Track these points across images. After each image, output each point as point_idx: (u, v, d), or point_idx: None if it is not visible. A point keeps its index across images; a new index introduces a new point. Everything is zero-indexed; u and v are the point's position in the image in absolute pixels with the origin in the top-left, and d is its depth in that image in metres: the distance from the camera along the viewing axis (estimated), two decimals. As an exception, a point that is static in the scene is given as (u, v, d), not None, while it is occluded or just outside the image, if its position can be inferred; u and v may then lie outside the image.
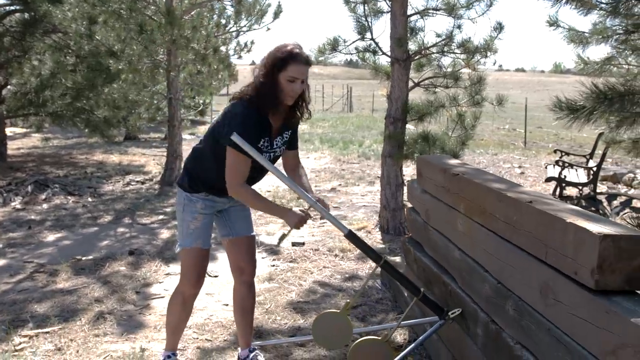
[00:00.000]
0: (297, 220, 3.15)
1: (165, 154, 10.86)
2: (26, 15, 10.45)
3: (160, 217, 7.87)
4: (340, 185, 10.50)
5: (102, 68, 10.11)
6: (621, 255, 2.06)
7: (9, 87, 12.18)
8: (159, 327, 4.36)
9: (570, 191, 8.80)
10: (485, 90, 7.14)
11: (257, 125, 3.11)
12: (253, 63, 7.33)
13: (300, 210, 3.18)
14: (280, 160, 3.46)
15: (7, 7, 11.44)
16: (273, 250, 6.31)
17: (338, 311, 3.34)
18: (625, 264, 2.07)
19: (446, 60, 7.22)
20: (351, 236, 3.17)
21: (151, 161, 13.23)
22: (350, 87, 39.61)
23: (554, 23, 6.64)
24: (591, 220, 2.26)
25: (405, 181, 7.00)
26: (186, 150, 8.01)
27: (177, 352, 3.72)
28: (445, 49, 6.96)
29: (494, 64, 7.57)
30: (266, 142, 3.21)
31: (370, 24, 6.67)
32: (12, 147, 15.69)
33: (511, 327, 2.67)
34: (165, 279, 5.47)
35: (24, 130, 18.08)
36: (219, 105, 36.09)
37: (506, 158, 14.39)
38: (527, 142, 17.82)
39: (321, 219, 7.48)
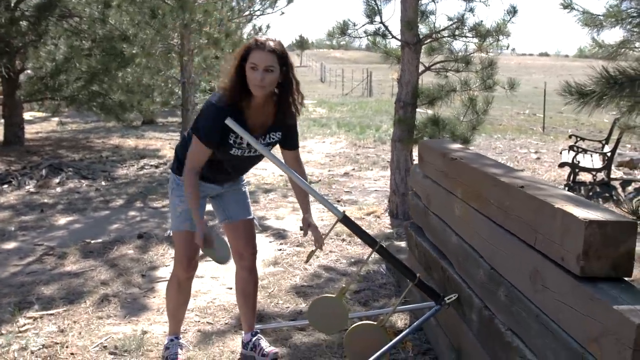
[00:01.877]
0: (197, 240, 3.18)
1: (179, 138, 10.89)
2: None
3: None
4: (353, 169, 10.47)
5: (116, 52, 10.15)
6: (607, 242, 2.03)
7: (26, 71, 12.27)
8: (162, 310, 4.38)
9: (585, 177, 8.70)
10: (497, 74, 7.06)
11: (223, 118, 3.06)
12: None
13: (206, 235, 3.18)
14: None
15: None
16: (280, 235, 6.32)
17: (333, 295, 3.33)
18: (612, 251, 2.03)
19: (458, 44, 7.14)
20: (346, 220, 3.16)
21: (167, 145, 13.27)
22: (370, 71, 39.35)
23: (568, 5, 6.52)
24: (580, 205, 2.22)
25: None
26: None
27: (180, 335, 3.74)
28: (457, 32, 6.88)
29: (507, 47, 7.47)
30: (239, 138, 3.14)
31: (379, 7, 6.61)
32: (31, 131, 15.83)
33: (503, 313, 2.65)
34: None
35: (44, 114, 18.19)
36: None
37: (523, 143, 14.25)
38: (545, 127, 17.61)
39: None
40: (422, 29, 6.81)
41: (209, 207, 3.60)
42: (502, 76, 7.23)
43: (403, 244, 5.51)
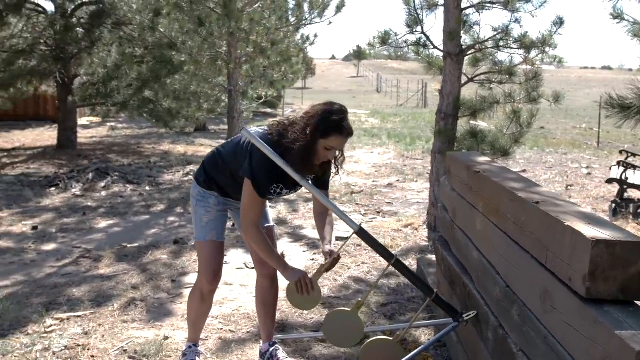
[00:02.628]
0: (296, 279, 3.16)
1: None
2: (94, 7, 10.75)
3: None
4: (398, 181, 10.38)
5: (165, 60, 10.30)
6: (616, 263, 1.92)
7: (80, 77, 12.57)
8: (186, 316, 4.38)
9: (635, 194, 8.41)
10: (544, 86, 6.88)
11: (275, 170, 3.07)
12: (333, 57, 7.33)
13: (301, 272, 3.19)
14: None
15: (77, 1, 11.81)
16: (315, 244, 6.28)
17: (349, 310, 3.27)
18: (621, 272, 1.92)
19: (502, 56, 6.99)
20: (362, 233, 3.10)
21: (215, 152, 13.39)
22: (425, 82, 39.05)
23: (618, 16, 6.33)
24: (592, 223, 2.11)
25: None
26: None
27: (199, 342, 3.73)
28: (501, 43, 6.73)
29: (555, 60, 7.26)
30: (280, 189, 3.19)
31: (421, 17, 6.51)
32: (86, 135, 16.24)
33: (515, 332, 2.54)
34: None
35: (99, 119, 18.64)
36: (294, 99, 36.52)
37: (575, 158, 13.89)
38: (601, 142, 17.13)
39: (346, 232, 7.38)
40: (466, 40, 6.70)
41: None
42: (560, 89, 7.03)
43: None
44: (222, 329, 4.21)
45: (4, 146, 14.29)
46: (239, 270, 5.46)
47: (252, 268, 5.49)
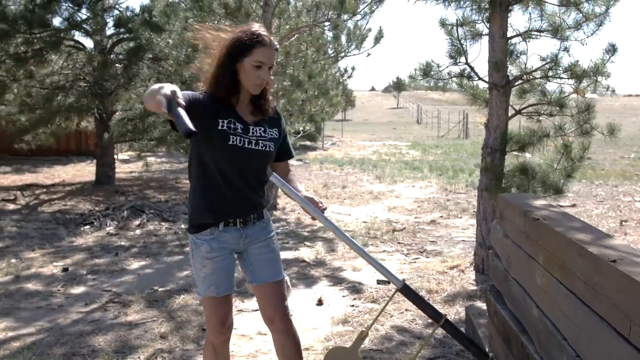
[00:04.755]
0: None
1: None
2: (132, 43, 10.70)
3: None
4: (441, 217, 9.97)
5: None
6: None
7: (117, 113, 12.54)
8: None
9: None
10: (596, 117, 6.47)
11: (212, 104, 2.82)
12: (373, 89, 7.05)
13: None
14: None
15: (115, 37, 11.81)
16: (355, 289, 5.92)
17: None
18: None
19: (551, 86, 6.61)
20: (406, 290, 2.76)
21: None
22: (466, 113, 38.58)
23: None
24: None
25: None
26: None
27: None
28: (550, 73, 6.35)
29: (608, 89, 6.85)
30: (232, 123, 2.86)
31: (465, 47, 6.19)
32: (125, 170, 16.22)
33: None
34: (236, 316, 5.19)
35: (137, 152, 18.69)
36: (333, 131, 36.40)
37: (627, 190, 13.29)
38: (653, 174, 16.48)
39: (409, 255, 7.00)
40: (512, 70, 6.34)
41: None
42: (605, 118, 6.64)
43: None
44: (253, 386, 3.87)
45: (44, 182, 14.30)
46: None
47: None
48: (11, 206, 10.82)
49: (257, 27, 2.86)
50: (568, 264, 2.42)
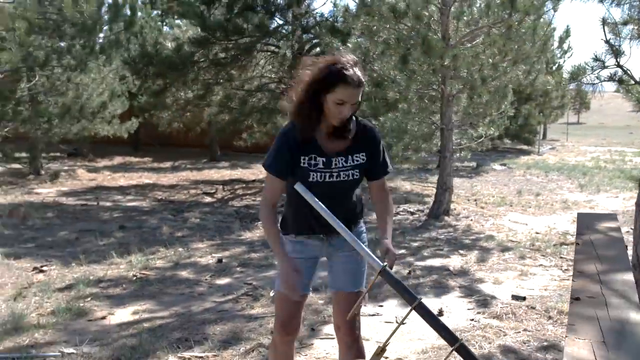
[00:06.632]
0: (283, 276, 2.91)
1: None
2: (318, 49, 11.15)
3: (402, 251, 7.67)
4: (627, 232, 9.13)
5: (381, 97, 10.30)
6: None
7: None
8: (299, 370, 4.19)
9: None
10: None
11: (295, 144, 2.90)
12: (618, 90, 6.70)
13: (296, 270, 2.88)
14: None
15: (307, 43, 12.35)
16: (483, 302, 5.69)
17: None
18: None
19: None
20: (385, 273, 2.69)
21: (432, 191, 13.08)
22: None
23: None
24: None
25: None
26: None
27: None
28: None
29: None
30: (313, 159, 2.92)
31: (618, 47, 5.62)
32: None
33: None
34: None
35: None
36: (561, 134, 34.55)
37: None
38: None
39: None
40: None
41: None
42: None
43: None
44: (326, 390, 3.93)
45: (248, 177, 15.37)
46: (386, 325, 5.10)
47: (404, 323, 5.15)
48: (208, 199, 11.81)
49: (344, 62, 2.82)
50: None
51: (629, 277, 2.81)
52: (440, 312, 5.36)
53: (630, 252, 5.77)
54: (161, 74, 12.68)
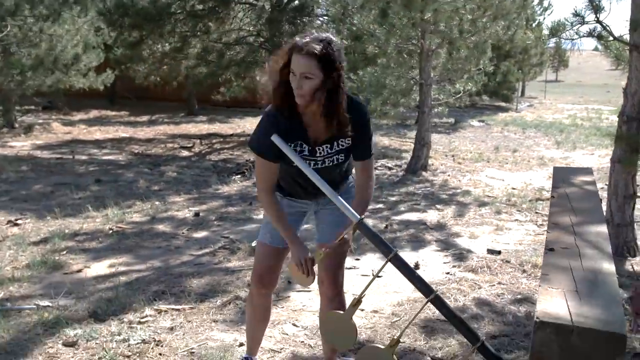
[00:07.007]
0: (296, 259, 2.87)
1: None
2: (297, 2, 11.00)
3: (380, 205, 7.69)
4: (602, 189, 9.22)
5: (360, 51, 10.22)
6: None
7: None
8: (276, 322, 4.21)
9: None
10: None
11: (278, 127, 2.76)
12: (596, 49, 6.66)
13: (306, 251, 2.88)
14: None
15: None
16: (460, 256, 5.75)
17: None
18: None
19: None
20: (362, 225, 2.68)
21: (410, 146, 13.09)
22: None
23: None
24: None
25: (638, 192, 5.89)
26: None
27: (256, 356, 3.52)
28: None
29: None
30: (298, 146, 2.83)
31: (600, 3, 5.58)
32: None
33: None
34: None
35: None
36: (539, 92, 34.60)
37: None
38: None
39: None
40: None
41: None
42: None
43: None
44: (303, 341, 3.96)
45: (226, 132, 15.27)
46: (362, 278, 5.13)
47: (380, 276, 5.19)
48: (185, 153, 11.74)
49: (307, 34, 2.71)
50: None
51: (603, 229, 2.83)
52: (417, 266, 5.40)
53: (604, 207, 5.85)
54: (137, 26, 12.41)
